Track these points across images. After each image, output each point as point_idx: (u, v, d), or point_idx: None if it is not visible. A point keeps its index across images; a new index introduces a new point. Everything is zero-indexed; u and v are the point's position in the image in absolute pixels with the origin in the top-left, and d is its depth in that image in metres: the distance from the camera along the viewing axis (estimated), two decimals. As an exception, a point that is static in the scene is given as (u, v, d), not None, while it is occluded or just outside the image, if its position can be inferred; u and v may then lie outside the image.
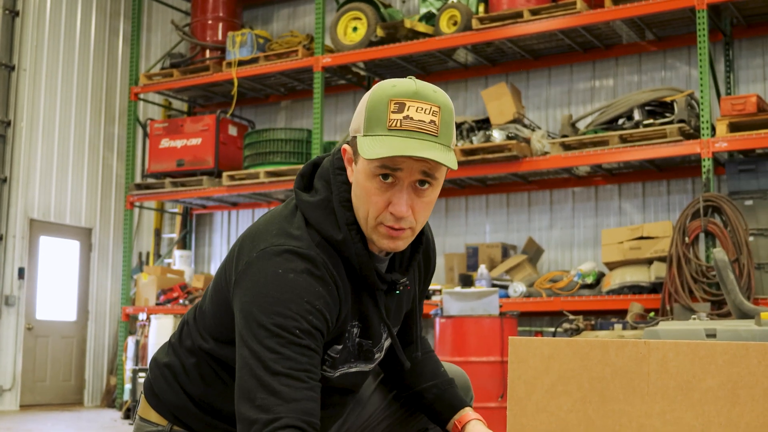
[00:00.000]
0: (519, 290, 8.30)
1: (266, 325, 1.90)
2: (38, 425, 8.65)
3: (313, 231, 2.05)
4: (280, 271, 1.95)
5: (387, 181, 1.96)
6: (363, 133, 1.96)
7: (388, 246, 2.04)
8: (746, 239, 7.12)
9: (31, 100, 10.94)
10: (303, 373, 1.89)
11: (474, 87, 10.12)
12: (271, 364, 1.87)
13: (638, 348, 1.71)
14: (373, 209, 1.99)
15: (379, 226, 2.00)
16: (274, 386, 1.85)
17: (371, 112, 1.96)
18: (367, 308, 2.13)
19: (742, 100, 7.51)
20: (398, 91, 1.95)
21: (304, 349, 1.90)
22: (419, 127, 1.93)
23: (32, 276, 10.88)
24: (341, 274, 2.04)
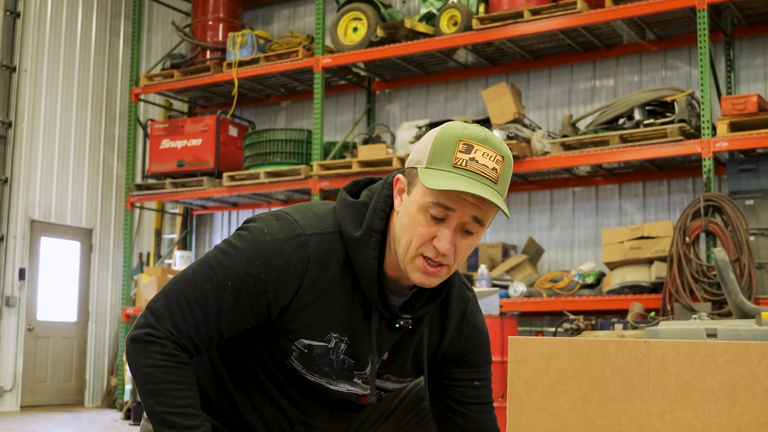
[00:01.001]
0: (519, 290, 8.29)
1: (217, 258, 2.04)
2: (39, 426, 8.65)
3: (333, 222, 2.09)
4: (265, 230, 2.05)
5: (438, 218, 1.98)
6: (426, 165, 1.98)
7: (421, 280, 2.03)
8: (747, 239, 7.11)
9: (32, 101, 10.95)
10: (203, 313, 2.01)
11: (474, 87, 10.12)
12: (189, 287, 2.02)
13: (638, 347, 1.71)
14: (417, 240, 1.99)
15: (417, 258, 2.01)
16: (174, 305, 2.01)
17: (438, 147, 1.97)
18: (360, 328, 2.12)
19: (743, 100, 7.51)
20: (468, 133, 1.97)
21: (222, 299, 2.01)
22: (482, 171, 1.95)
23: (33, 277, 10.88)
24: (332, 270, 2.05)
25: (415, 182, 2.00)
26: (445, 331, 2.26)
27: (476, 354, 2.35)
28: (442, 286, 2.17)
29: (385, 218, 2.08)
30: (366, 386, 2.22)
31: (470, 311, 2.32)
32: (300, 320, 2.06)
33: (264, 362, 2.17)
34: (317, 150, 9.76)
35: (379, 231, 2.06)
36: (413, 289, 2.16)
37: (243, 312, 2.02)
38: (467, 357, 2.33)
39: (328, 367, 2.13)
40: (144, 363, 1.98)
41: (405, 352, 2.22)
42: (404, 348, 2.22)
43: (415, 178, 2.00)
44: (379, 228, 2.06)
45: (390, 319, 2.14)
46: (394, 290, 2.13)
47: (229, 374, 2.22)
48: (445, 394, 2.32)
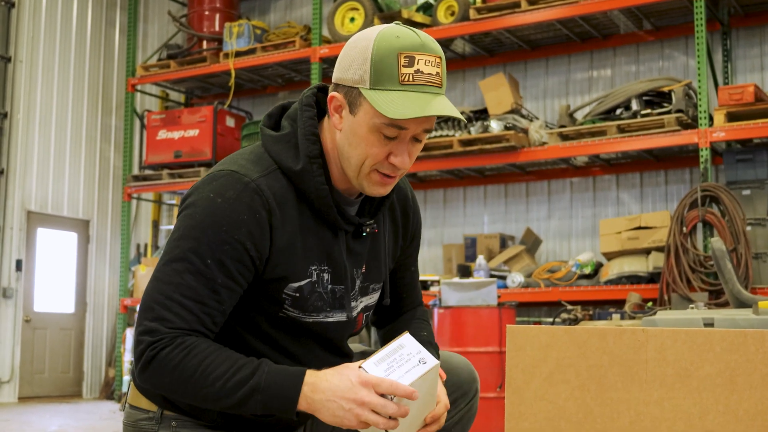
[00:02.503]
0: (517, 280, 8.30)
1: (181, 248, 1.96)
2: (37, 417, 8.66)
3: (270, 161, 2.07)
4: (212, 195, 1.99)
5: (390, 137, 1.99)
6: (370, 86, 1.96)
7: (379, 192, 2.07)
8: (744, 229, 7.12)
9: (28, 91, 10.92)
10: (198, 305, 1.94)
11: (472, 77, 10.11)
12: (171, 289, 1.94)
13: (636, 336, 1.71)
14: (372, 159, 2.01)
15: (373, 173, 2.03)
16: (165, 312, 1.92)
17: (378, 65, 1.96)
18: (335, 251, 2.12)
19: (740, 90, 7.51)
20: (405, 44, 1.96)
21: (209, 281, 1.94)
22: (429, 80, 1.96)
23: (30, 268, 10.88)
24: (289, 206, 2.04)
25: (360, 103, 1.99)
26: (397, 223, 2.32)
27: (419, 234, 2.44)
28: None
29: (317, 141, 2.08)
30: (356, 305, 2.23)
31: (411, 198, 2.39)
32: (281, 265, 2.04)
33: (258, 327, 2.13)
34: (314, 141, 9.74)
35: (317, 156, 2.06)
36: (361, 194, 2.18)
37: (235, 281, 1.98)
38: (414, 240, 2.41)
39: (320, 301, 2.13)
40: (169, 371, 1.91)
41: (378, 257, 2.26)
42: (377, 253, 2.25)
43: (358, 99, 1.99)
44: (316, 153, 2.06)
45: (355, 230, 2.16)
46: (347, 201, 2.15)
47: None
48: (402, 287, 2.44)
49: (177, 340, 1.91)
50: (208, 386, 1.90)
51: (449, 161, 8.79)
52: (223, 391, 1.90)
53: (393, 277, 2.42)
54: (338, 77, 2.04)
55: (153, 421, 2.16)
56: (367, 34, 2.01)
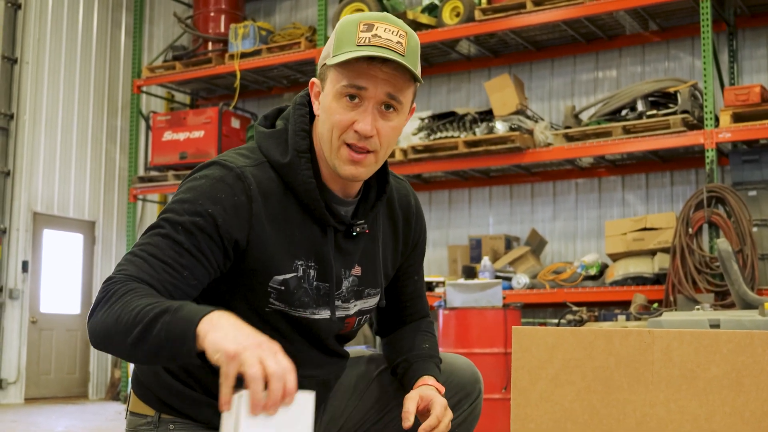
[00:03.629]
0: (522, 282, 8.29)
1: (158, 218, 1.99)
2: (43, 418, 8.67)
3: (260, 155, 2.10)
4: (197, 177, 2.04)
5: (353, 101, 2.00)
6: (332, 55, 2.01)
7: (351, 172, 2.05)
8: (750, 230, 7.10)
9: (34, 93, 10.94)
10: (159, 262, 1.92)
11: (477, 79, 10.11)
12: (139, 248, 1.95)
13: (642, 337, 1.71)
14: (337, 128, 2.01)
15: (342, 148, 2.03)
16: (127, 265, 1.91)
17: (340, 35, 2.01)
18: (322, 248, 2.13)
19: (746, 91, 7.49)
20: (367, 15, 2.01)
21: (175, 244, 1.94)
22: (387, 44, 1.97)
23: (36, 269, 10.90)
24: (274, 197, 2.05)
25: (326, 75, 2.03)
26: (397, 230, 2.32)
27: (422, 243, 2.43)
28: (383, 183, 2.22)
29: (307, 137, 2.09)
30: (347, 305, 2.23)
31: (414, 205, 2.38)
32: (264, 256, 2.05)
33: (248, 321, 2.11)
34: (320, 142, 9.75)
35: (306, 150, 2.07)
36: (358, 196, 2.19)
37: (203, 253, 1.96)
38: (417, 248, 2.40)
39: (306, 296, 2.12)
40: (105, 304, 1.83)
41: (374, 260, 2.25)
42: (373, 257, 2.25)
43: (326, 73, 2.04)
44: (305, 147, 2.08)
45: (346, 230, 2.16)
46: (340, 201, 2.15)
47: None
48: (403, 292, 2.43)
49: (128, 282, 1.86)
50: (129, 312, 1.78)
51: (454, 162, 8.79)
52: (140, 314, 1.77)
53: (395, 285, 2.42)
54: (318, 65, 2.11)
55: (151, 425, 2.19)
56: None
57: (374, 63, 1.98)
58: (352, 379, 2.42)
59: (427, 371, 2.27)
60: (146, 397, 2.21)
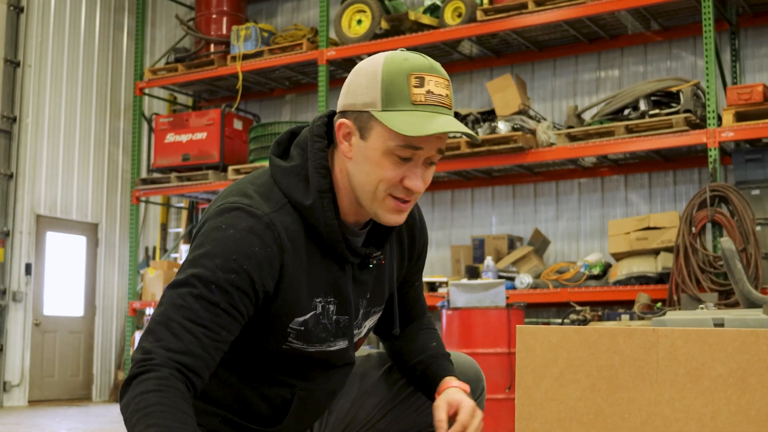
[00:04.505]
0: (526, 282, 8.29)
1: (187, 274, 1.92)
2: (47, 420, 8.67)
3: (280, 195, 2.05)
4: (223, 226, 1.96)
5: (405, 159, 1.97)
6: (382, 108, 1.94)
7: (394, 220, 2.04)
8: (753, 229, 7.10)
9: (37, 95, 10.95)
10: (199, 327, 1.88)
11: (479, 79, 10.11)
12: (173, 311, 1.89)
13: (647, 335, 1.70)
14: (386, 184, 1.98)
15: (387, 199, 2.01)
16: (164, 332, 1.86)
17: (390, 86, 1.94)
18: (341, 283, 2.11)
19: (749, 90, 7.49)
20: (414, 65, 1.96)
21: (212, 306, 1.89)
22: (441, 101, 1.96)
23: (39, 272, 10.90)
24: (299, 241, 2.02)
25: (371, 126, 1.96)
26: (403, 248, 2.31)
27: (425, 252, 2.42)
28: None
29: (328, 175, 2.05)
30: (360, 331, 2.25)
31: (418, 219, 2.36)
32: (288, 301, 2.03)
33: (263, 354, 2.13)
34: (322, 143, 9.74)
35: (327, 190, 2.04)
36: (368, 224, 2.17)
37: (238, 309, 1.94)
38: (420, 259, 2.40)
39: (324, 332, 2.12)
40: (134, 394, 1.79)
41: (382, 283, 2.25)
42: (382, 281, 2.25)
43: (369, 122, 1.96)
44: (327, 187, 2.04)
45: (361, 262, 2.15)
46: (354, 233, 2.14)
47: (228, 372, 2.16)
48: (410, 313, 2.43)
49: (164, 371, 1.82)
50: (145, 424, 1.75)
51: (457, 162, 8.79)
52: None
53: (400, 293, 2.41)
54: (346, 104, 2.02)
55: None
56: (374, 60, 2.00)
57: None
58: (357, 378, 2.43)
59: (446, 371, 2.28)
60: None
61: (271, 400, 2.20)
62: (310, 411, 2.26)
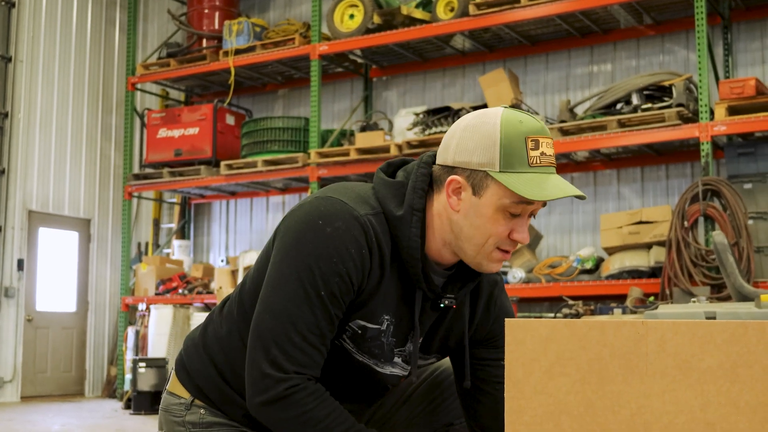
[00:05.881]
0: (518, 276, 8.29)
1: (294, 277, 2.00)
2: (40, 416, 8.66)
3: (377, 203, 2.11)
4: (321, 222, 2.02)
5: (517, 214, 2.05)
6: (500, 170, 2.01)
7: (495, 268, 2.13)
8: (745, 223, 7.11)
9: (28, 91, 10.92)
10: (319, 338, 2.01)
11: (472, 73, 10.10)
12: (291, 320, 1.99)
13: (636, 328, 1.70)
14: (496, 238, 2.06)
15: (495, 252, 2.08)
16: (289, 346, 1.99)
17: (508, 149, 2.01)
18: (404, 307, 2.15)
19: (741, 84, 7.49)
20: (530, 129, 2.02)
21: (325, 314, 2.01)
22: (551, 161, 2.04)
23: (31, 267, 10.88)
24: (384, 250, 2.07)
25: (487, 185, 2.02)
26: (474, 313, 2.31)
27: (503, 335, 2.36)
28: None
29: (424, 197, 2.10)
30: (406, 366, 2.25)
31: (497, 293, 2.36)
32: (362, 303, 2.08)
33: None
34: (315, 138, 9.75)
35: (420, 209, 2.09)
36: (451, 270, 2.21)
37: (342, 310, 2.06)
38: (495, 338, 2.37)
39: (378, 349, 2.16)
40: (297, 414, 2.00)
41: (437, 331, 2.27)
42: (445, 326, 2.26)
43: (485, 181, 2.02)
44: (420, 206, 2.09)
45: (433, 299, 2.18)
46: (435, 271, 2.17)
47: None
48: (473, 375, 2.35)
49: (310, 386, 2.01)
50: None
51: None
52: None
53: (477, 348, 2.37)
54: (459, 161, 2.06)
55: (183, 407, 2.29)
56: (489, 119, 2.05)
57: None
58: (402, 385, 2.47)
59: None
60: (186, 382, 2.30)
61: None
62: None
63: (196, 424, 2.25)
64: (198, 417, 2.26)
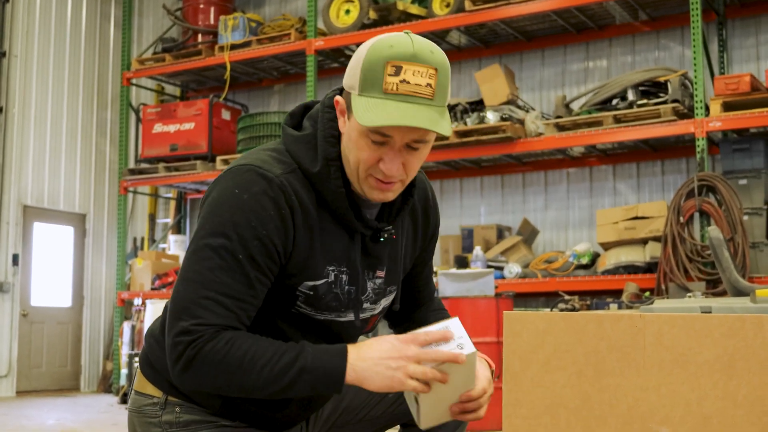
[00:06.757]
0: (514, 271, 8.30)
1: (211, 245, 1.96)
2: (35, 411, 8.66)
3: (291, 161, 2.08)
4: (237, 191, 1.98)
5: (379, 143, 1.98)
6: (358, 92, 1.96)
7: (379, 197, 2.06)
8: (741, 218, 7.12)
9: (23, 86, 10.90)
10: (232, 300, 1.94)
11: (467, 69, 10.10)
12: (205, 285, 1.93)
13: (634, 321, 1.70)
14: (364, 164, 2.00)
15: (369, 178, 2.03)
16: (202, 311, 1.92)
17: (367, 72, 1.95)
18: (351, 253, 2.13)
19: (736, 80, 7.50)
20: (396, 53, 1.93)
21: (242, 276, 1.95)
22: (415, 91, 1.93)
23: (26, 262, 10.87)
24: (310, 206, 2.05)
25: (352, 107, 1.99)
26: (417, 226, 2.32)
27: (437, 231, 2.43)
28: (409, 187, 2.20)
29: (336, 144, 2.07)
30: (374, 306, 2.24)
31: (431, 198, 2.37)
32: (299, 264, 2.05)
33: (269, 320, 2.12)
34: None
35: (335, 158, 2.06)
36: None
37: (266, 275, 1.99)
38: (433, 238, 2.41)
39: (335, 301, 2.13)
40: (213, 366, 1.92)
41: (397, 261, 2.26)
42: (395, 257, 2.25)
43: (351, 103, 1.99)
44: (333, 155, 2.06)
45: (372, 235, 2.15)
46: (366, 204, 2.14)
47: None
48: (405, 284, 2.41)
49: (218, 335, 1.92)
50: (256, 374, 1.92)
51: (445, 153, 8.79)
52: (271, 376, 1.92)
53: (411, 273, 2.41)
54: (344, 82, 2.06)
55: (157, 406, 2.19)
56: (368, 42, 2.01)
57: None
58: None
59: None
60: (155, 379, 2.21)
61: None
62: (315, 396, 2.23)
63: (173, 424, 2.17)
64: (174, 416, 2.17)
